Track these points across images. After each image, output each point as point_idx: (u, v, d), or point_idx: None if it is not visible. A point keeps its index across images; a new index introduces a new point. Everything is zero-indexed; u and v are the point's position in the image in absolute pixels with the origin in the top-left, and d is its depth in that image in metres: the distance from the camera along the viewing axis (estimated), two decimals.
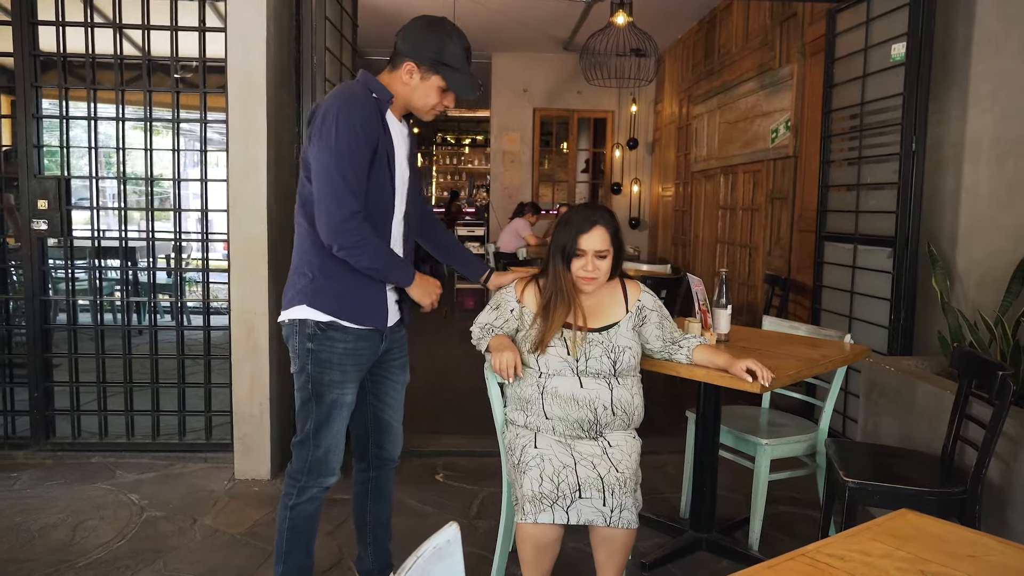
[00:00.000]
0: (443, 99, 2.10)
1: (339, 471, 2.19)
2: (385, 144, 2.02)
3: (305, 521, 2.17)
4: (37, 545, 2.78)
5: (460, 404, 4.72)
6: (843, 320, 3.90)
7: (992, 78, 3.22)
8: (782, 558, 1.18)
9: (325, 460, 2.14)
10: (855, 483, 2.31)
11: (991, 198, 3.22)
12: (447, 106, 2.13)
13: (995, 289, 3.11)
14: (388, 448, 2.35)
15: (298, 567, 2.17)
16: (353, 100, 1.99)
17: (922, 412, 2.86)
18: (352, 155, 1.94)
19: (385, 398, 2.31)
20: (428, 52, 2.03)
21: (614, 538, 2.14)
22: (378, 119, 2.02)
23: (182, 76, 3.67)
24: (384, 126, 2.04)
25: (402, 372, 2.33)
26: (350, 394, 2.13)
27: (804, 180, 5.04)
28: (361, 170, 1.97)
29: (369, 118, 1.98)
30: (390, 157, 2.04)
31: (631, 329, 2.34)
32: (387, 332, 2.19)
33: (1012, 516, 2.38)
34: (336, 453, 2.16)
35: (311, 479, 2.14)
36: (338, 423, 2.13)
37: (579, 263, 2.27)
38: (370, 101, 2.02)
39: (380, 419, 2.32)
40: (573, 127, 10.06)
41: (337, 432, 2.14)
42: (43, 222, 3.59)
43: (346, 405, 2.14)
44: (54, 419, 3.74)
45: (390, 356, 2.27)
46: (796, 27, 5.20)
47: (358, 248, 1.96)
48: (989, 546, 1.24)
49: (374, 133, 1.98)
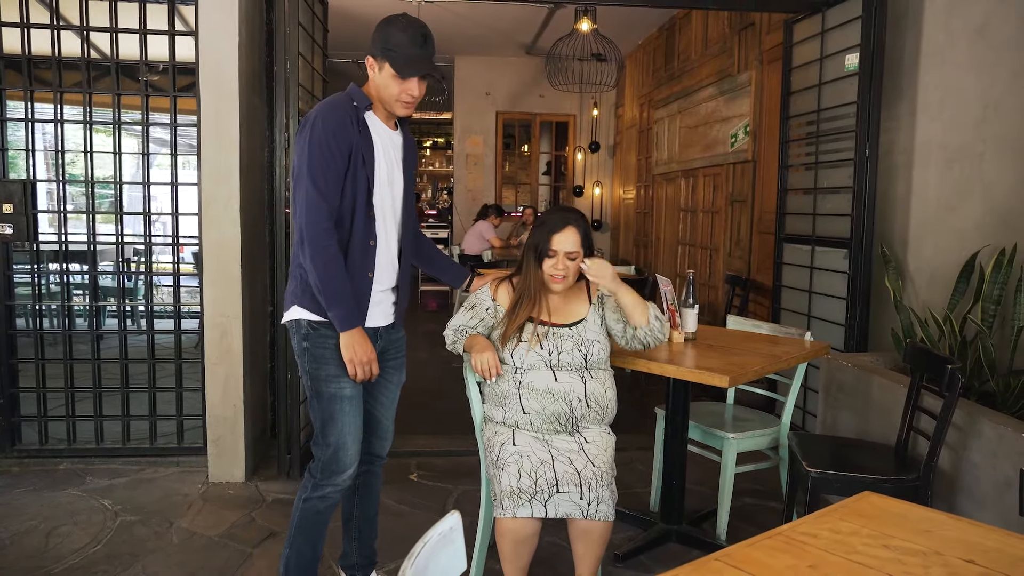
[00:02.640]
0: (404, 88, 2.10)
1: (353, 469, 2.22)
2: (361, 146, 2.08)
3: (313, 515, 2.23)
4: (10, 552, 2.75)
5: (429, 405, 4.77)
6: (802, 318, 4.05)
7: (939, 88, 3.40)
8: (759, 537, 1.27)
9: (336, 459, 2.18)
10: (817, 473, 2.43)
11: (939, 201, 3.40)
12: (413, 95, 2.12)
13: (943, 287, 3.29)
14: (377, 445, 2.41)
15: (301, 555, 2.25)
16: (330, 108, 2.07)
17: (877, 405, 3.01)
18: (324, 160, 2.02)
19: (379, 396, 2.36)
20: (378, 43, 2.10)
21: (592, 530, 2.22)
22: (354, 124, 2.08)
23: (149, 79, 3.66)
24: (362, 130, 2.10)
25: (397, 372, 2.38)
26: (348, 387, 2.16)
27: (763, 183, 5.21)
28: (333, 174, 2.03)
29: (342, 123, 2.05)
30: (366, 158, 2.09)
31: (598, 322, 2.43)
32: (381, 332, 2.25)
33: (961, 501, 2.53)
34: (346, 451, 2.19)
35: (324, 478, 2.21)
36: (342, 419, 2.17)
37: (550, 263, 2.36)
38: (347, 108, 2.09)
39: (372, 415, 2.36)
40: (535, 130, 10.17)
41: (343, 429, 2.17)
42: (8, 226, 3.54)
43: (346, 399, 2.16)
44: (20, 425, 3.70)
45: (386, 356, 2.32)
46: (754, 35, 5.37)
47: (313, 263, 2.03)
48: (944, 522, 1.35)
49: (347, 137, 2.05)
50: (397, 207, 2.24)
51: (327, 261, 2.02)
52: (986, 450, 2.41)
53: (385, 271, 2.21)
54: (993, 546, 1.25)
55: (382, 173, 2.16)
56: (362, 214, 2.11)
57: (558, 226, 2.36)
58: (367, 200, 2.11)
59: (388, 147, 2.20)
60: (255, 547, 2.83)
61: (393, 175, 2.21)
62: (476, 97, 9.79)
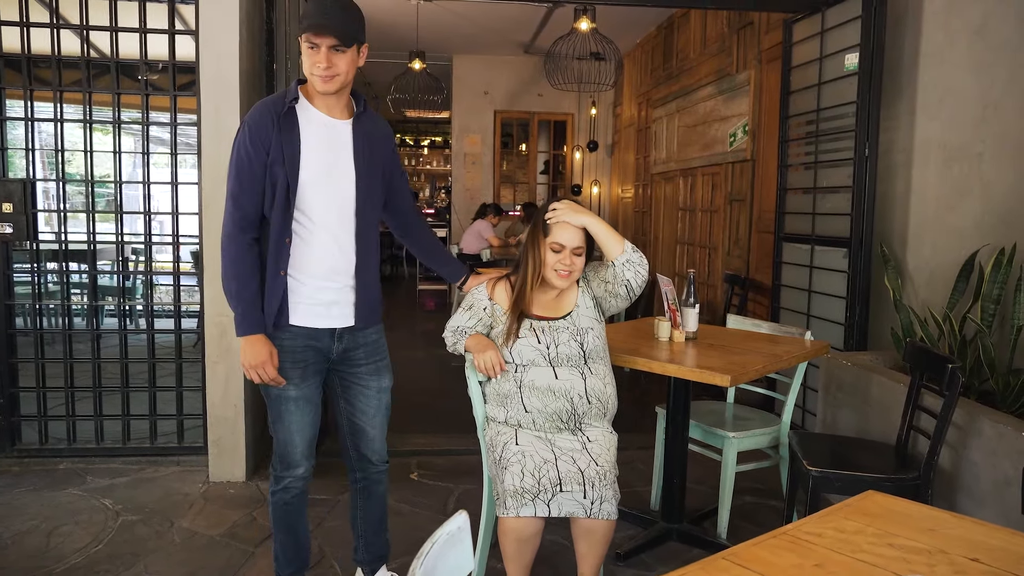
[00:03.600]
0: (313, 59, 2.02)
1: (306, 463, 2.26)
2: (281, 143, 2.04)
3: (283, 507, 2.28)
4: (11, 552, 2.75)
5: (429, 404, 4.78)
6: (801, 317, 4.07)
7: (938, 87, 3.41)
8: (765, 536, 1.28)
9: (286, 452, 2.23)
10: (818, 472, 2.44)
11: (938, 201, 3.41)
12: (321, 65, 2.02)
13: (943, 287, 3.30)
14: (366, 452, 2.37)
15: (284, 545, 2.32)
16: (255, 109, 2.10)
17: (877, 404, 3.02)
18: (239, 163, 2.06)
19: (356, 403, 2.31)
20: (301, 19, 2.10)
21: (595, 529, 2.23)
22: (275, 122, 2.05)
23: (149, 78, 3.66)
24: (283, 126, 2.05)
25: (374, 377, 2.31)
26: (292, 389, 2.16)
27: (762, 182, 5.22)
28: (247, 176, 2.05)
29: (260, 124, 2.05)
30: (286, 155, 2.04)
31: (589, 304, 2.43)
32: (342, 333, 2.20)
33: (961, 499, 2.54)
34: (294, 447, 2.22)
35: (282, 470, 2.26)
36: (287, 418, 2.19)
37: (556, 258, 2.36)
38: (271, 107, 2.08)
39: (354, 424, 2.34)
40: (533, 129, 10.18)
41: (289, 427, 2.19)
42: (8, 226, 3.54)
43: (291, 400, 2.17)
44: (20, 425, 3.69)
45: (354, 360, 2.26)
46: (753, 34, 5.38)
47: (221, 264, 2.10)
48: (947, 521, 1.36)
49: (265, 137, 2.04)
50: (346, 201, 2.15)
51: (226, 264, 2.09)
52: (986, 449, 2.42)
53: (330, 270, 2.15)
54: (997, 544, 1.26)
55: (312, 168, 2.08)
56: (280, 212, 2.06)
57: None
58: (285, 197, 2.06)
59: (328, 138, 2.13)
60: (256, 546, 2.83)
61: (337, 167, 2.13)
62: (474, 96, 9.79)
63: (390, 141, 2.33)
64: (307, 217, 2.11)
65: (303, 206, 2.09)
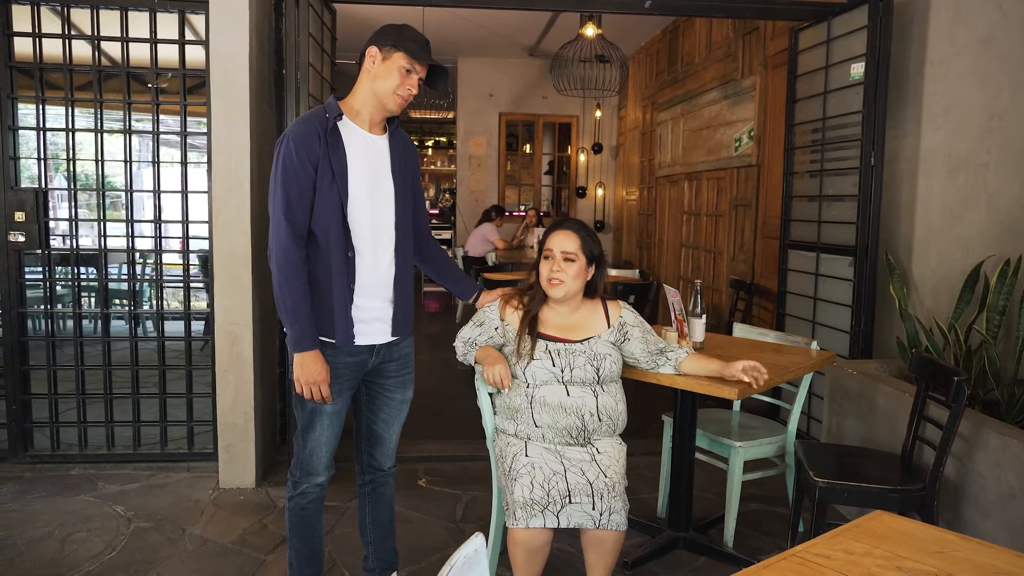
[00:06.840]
0: (405, 81, 2.11)
1: (326, 473, 2.28)
2: (330, 160, 2.07)
3: (299, 513, 2.29)
4: (26, 559, 2.79)
5: (436, 409, 4.80)
6: (807, 325, 4.08)
7: (944, 97, 3.43)
8: (775, 559, 1.30)
9: (310, 460, 2.25)
10: (824, 483, 2.46)
11: (944, 210, 3.43)
12: (411, 91, 2.12)
13: (948, 296, 3.32)
14: (378, 458, 2.42)
15: (298, 552, 2.32)
16: (299, 125, 2.10)
17: (883, 414, 3.04)
18: (287, 179, 2.05)
19: (378, 411, 2.36)
20: (388, 36, 2.12)
21: (604, 539, 2.26)
22: (321, 138, 2.07)
23: (158, 86, 3.69)
24: (331, 142, 2.08)
25: (400, 389, 2.36)
26: (329, 405, 2.19)
27: (767, 188, 5.24)
28: (297, 192, 2.05)
29: (307, 141, 2.05)
30: (336, 172, 2.08)
31: (611, 341, 2.45)
32: (379, 348, 2.25)
33: (967, 510, 2.56)
34: (319, 456, 2.24)
35: (302, 476, 2.27)
36: (319, 429, 2.21)
37: (547, 265, 2.39)
38: (316, 122, 2.09)
39: (372, 430, 2.39)
40: (538, 131, 10.20)
41: (319, 437, 2.22)
42: (20, 234, 3.57)
43: (326, 414, 2.20)
44: (32, 431, 3.73)
45: (385, 372, 2.32)
46: (758, 40, 5.40)
47: (276, 281, 2.08)
48: (954, 543, 1.39)
49: (313, 153, 2.05)
50: (387, 216, 2.19)
51: (282, 281, 2.06)
52: (990, 460, 2.44)
53: (375, 284, 2.18)
54: (1005, 568, 1.28)
55: (359, 183, 2.12)
56: (337, 228, 2.09)
57: (554, 228, 2.45)
58: (341, 213, 2.09)
59: (370, 155, 2.17)
60: (268, 554, 2.86)
61: (378, 183, 2.18)
62: (479, 98, 9.82)
63: (415, 156, 2.38)
64: (353, 233, 2.13)
65: (350, 222, 2.12)
